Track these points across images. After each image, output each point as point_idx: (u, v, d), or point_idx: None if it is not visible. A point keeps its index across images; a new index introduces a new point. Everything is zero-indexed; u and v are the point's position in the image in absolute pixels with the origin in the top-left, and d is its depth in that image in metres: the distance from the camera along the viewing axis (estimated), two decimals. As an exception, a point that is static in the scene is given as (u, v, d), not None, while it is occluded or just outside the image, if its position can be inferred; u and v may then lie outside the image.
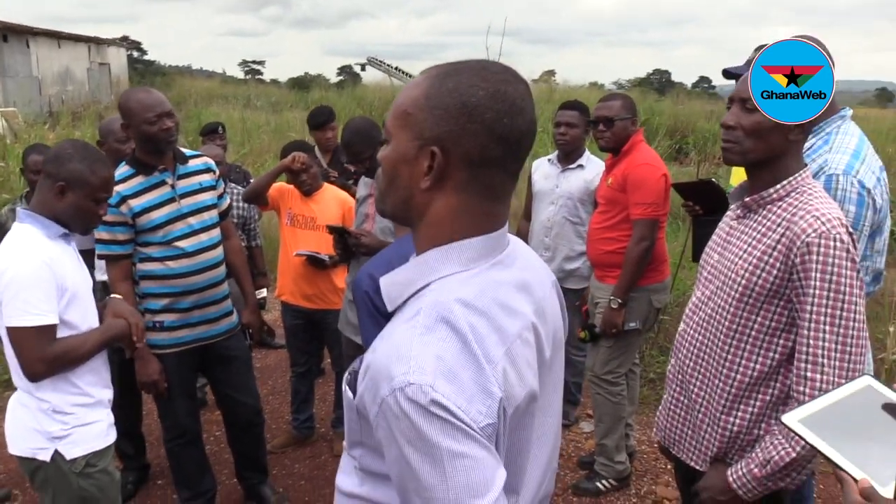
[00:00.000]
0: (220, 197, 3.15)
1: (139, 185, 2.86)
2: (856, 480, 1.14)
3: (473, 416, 0.93)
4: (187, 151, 3.09)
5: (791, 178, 1.76)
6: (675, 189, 3.21)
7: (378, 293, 1.11)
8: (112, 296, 2.47)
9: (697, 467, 1.94)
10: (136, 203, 2.83)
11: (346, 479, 1.15)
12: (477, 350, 0.97)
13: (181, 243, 2.91)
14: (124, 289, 2.83)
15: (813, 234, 1.65)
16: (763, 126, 1.73)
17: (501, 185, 1.06)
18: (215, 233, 3.05)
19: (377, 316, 1.64)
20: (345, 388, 1.09)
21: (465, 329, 0.97)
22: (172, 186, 2.93)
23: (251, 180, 5.23)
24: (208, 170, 3.10)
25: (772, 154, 1.76)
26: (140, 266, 2.91)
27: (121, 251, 2.86)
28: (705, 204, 3.01)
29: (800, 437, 1.23)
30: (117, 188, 2.77)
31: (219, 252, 3.06)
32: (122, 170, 2.88)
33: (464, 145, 1.01)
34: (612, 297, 3.32)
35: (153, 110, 2.78)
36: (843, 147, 2.18)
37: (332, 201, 3.86)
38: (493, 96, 1.01)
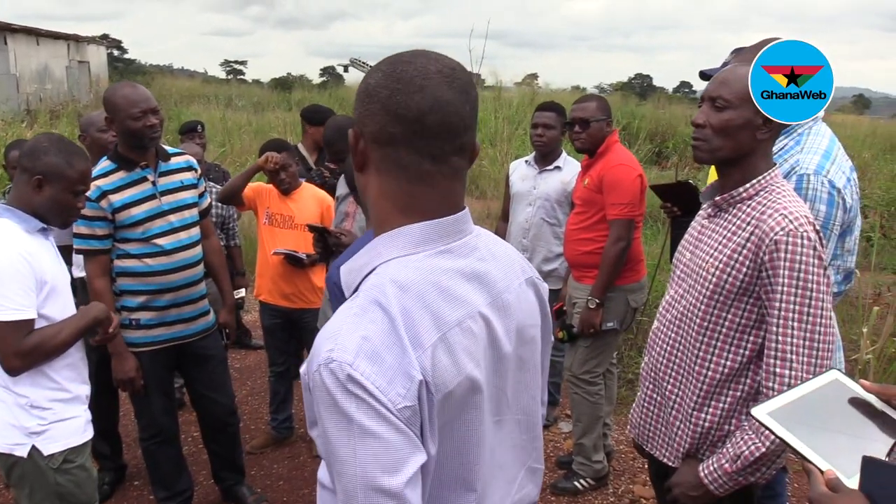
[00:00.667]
0: (201, 196, 3.14)
1: (120, 181, 2.85)
2: (822, 472, 1.16)
3: (392, 397, 0.95)
4: (170, 149, 3.09)
5: (760, 178, 1.79)
6: (652, 190, 3.24)
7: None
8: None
9: (670, 463, 1.97)
10: (116, 198, 2.82)
11: (322, 468, 1.16)
12: (404, 332, 0.98)
13: (160, 241, 2.90)
14: (102, 284, 2.83)
15: (781, 233, 1.68)
16: (731, 124, 1.76)
17: (417, 166, 1.06)
18: (195, 231, 3.05)
19: None
20: (303, 368, 1.11)
21: (395, 311, 0.99)
22: (154, 183, 2.92)
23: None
24: (190, 168, 3.09)
25: (740, 152, 1.79)
26: (117, 262, 2.90)
27: (99, 246, 2.85)
28: (683, 205, 3.04)
29: (768, 429, 1.25)
30: (98, 182, 2.76)
31: (197, 251, 3.05)
32: (104, 164, 2.87)
33: (369, 126, 1.06)
34: (589, 297, 3.35)
35: (138, 106, 2.78)
36: (813, 147, 2.22)
37: (311, 200, 3.85)
38: (388, 76, 1.05)
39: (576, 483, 3.60)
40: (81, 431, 2.27)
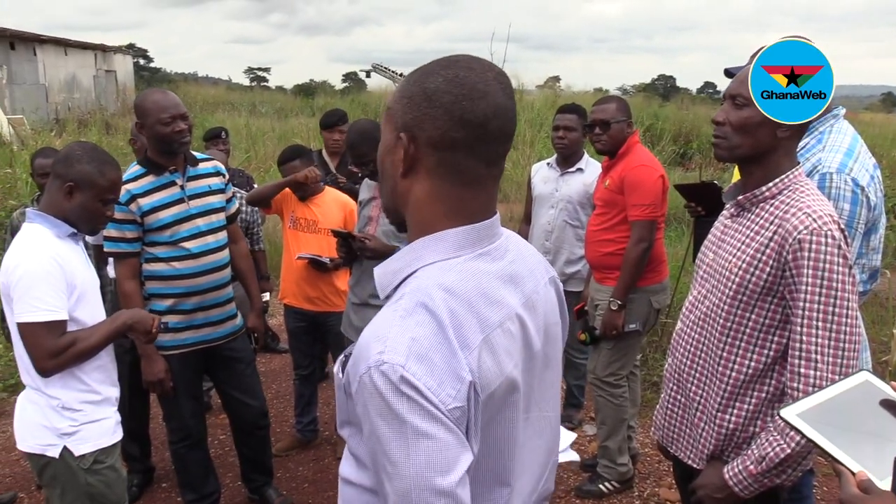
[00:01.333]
0: (229, 201, 3.18)
1: (149, 185, 2.90)
2: (853, 473, 1.16)
3: (442, 398, 0.97)
4: (198, 154, 3.14)
5: (783, 176, 1.78)
6: (677, 190, 3.23)
7: None
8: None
9: (694, 465, 1.96)
10: (145, 202, 2.87)
11: (345, 463, 1.18)
12: (452, 335, 1.00)
13: (187, 244, 2.94)
14: (131, 287, 2.87)
15: (804, 231, 1.67)
16: (750, 122, 1.75)
17: (473, 170, 1.09)
18: (222, 235, 3.09)
19: None
20: (337, 368, 1.13)
21: (442, 314, 1.01)
22: (182, 187, 2.97)
23: (255, 185, 5.26)
24: (218, 173, 3.14)
25: (759, 150, 1.78)
26: (146, 266, 2.95)
27: (129, 249, 2.90)
28: (707, 205, 3.03)
29: (798, 431, 1.24)
30: (127, 186, 2.81)
31: (224, 255, 3.09)
32: (134, 169, 2.93)
33: (427, 129, 1.06)
34: (611, 299, 3.34)
35: (168, 111, 2.83)
36: (836, 146, 2.20)
37: (333, 204, 3.89)
38: (451, 81, 1.06)
39: (601, 486, 3.58)
40: (111, 433, 2.31)
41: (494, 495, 1.11)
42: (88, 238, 4.50)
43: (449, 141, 1.06)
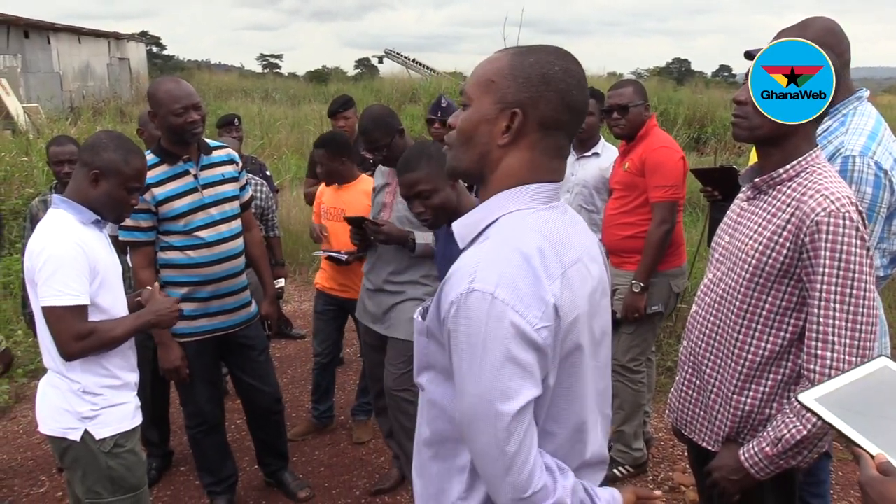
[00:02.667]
0: (242, 188, 3.19)
1: (163, 174, 2.91)
2: (872, 457, 1.16)
3: (530, 319, 1.11)
4: (211, 142, 3.14)
5: (801, 159, 1.77)
6: (694, 174, 3.21)
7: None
8: (147, 289, 2.51)
9: (710, 448, 1.96)
10: (159, 191, 2.88)
11: (423, 426, 1.31)
12: (538, 265, 1.14)
13: (202, 233, 2.95)
14: (147, 275, 2.89)
15: (822, 213, 1.66)
16: None
17: (564, 147, 1.28)
18: (235, 224, 3.10)
19: None
20: (416, 316, 1.28)
21: (527, 248, 1.15)
22: (195, 176, 2.98)
23: (267, 172, 5.27)
24: (231, 161, 3.14)
25: (779, 132, 1.77)
26: (161, 255, 2.97)
27: (144, 238, 2.92)
28: (724, 190, 3.01)
29: (816, 415, 1.25)
30: None
31: (238, 243, 3.11)
32: (147, 158, 2.93)
33: (541, 109, 1.21)
34: (633, 282, 3.32)
35: (180, 101, 2.82)
36: (859, 128, 2.17)
37: (361, 193, 3.90)
38: (566, 71, 1.22)
39: (615, 470, 3.59)
40: (131, 417, 2.34)
41: (574, 436, 1.24)
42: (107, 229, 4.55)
43: (556, 121, 1.22)
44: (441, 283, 1.20)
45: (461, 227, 1.28)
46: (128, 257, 3.27)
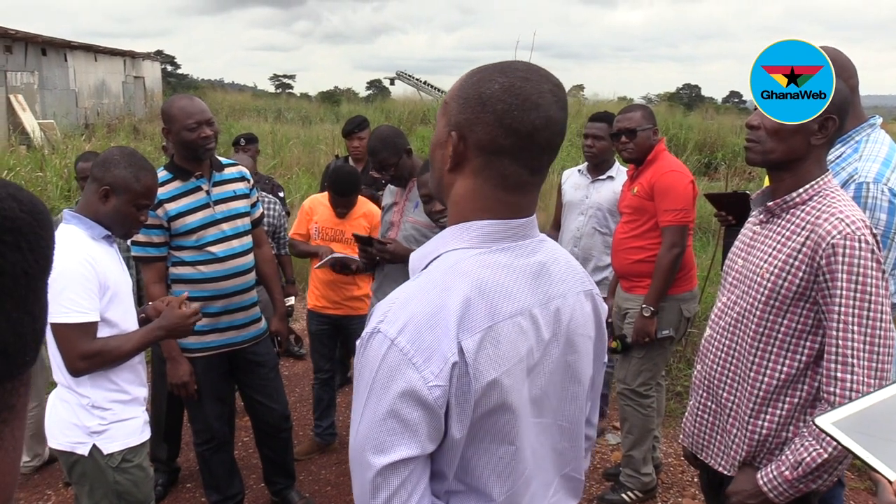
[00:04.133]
0: (254, 205, 3.21)
1: (176, 190, 2.93)
2: (890, 482, 1.15)
3: (426, 374, 1.01)
4: (223, 160, 3.16)
5: (813, 182, 1.77)
6: (708, 199, 3.22)
7: None
8: (149, 305, 2.52)
9: (725, 472, 1.94)
10: (171, 207, 2.90)
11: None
12: (452, 317, 1.03)
13: (213, 248, 2.97)
14: (158, 291, 2.90)
15: (838, 236, 1.66)
16: (785, 127, 1.75)
17: (516, 176, 1.11)
18: (247, 240, 3.11)
19: None
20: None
21: (448, 296, 1.04)
22: (207, 192, 3.00)
23: (281, 194, 5.30)
24: (243, 178, 3.17)
25: (792, 156, 1.77)
26: (172, 270, 2.98)
27: (156, 253, 2.93)
28: (738, 214, 3.02)
29: (833, 439, 1.24)
30: None
31: (249, 259, 3.12)
32: (160, 174, 2.95)
33: (477, 132, 1.09)
34: (644, 306, 3.31)
35: (193, 117, 2.86)
36: (872, 155, 2.17)
37: (360, 215, 3.94)
38: (507, 90, 1.07)
39: (623, 495, 3.55)
40: (139, 432, 2.34)
41: (493, 492, 1.11)
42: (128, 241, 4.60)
43: (496, 146, 1.09)
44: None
45: (415, 259, 1.19)
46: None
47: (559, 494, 1.26)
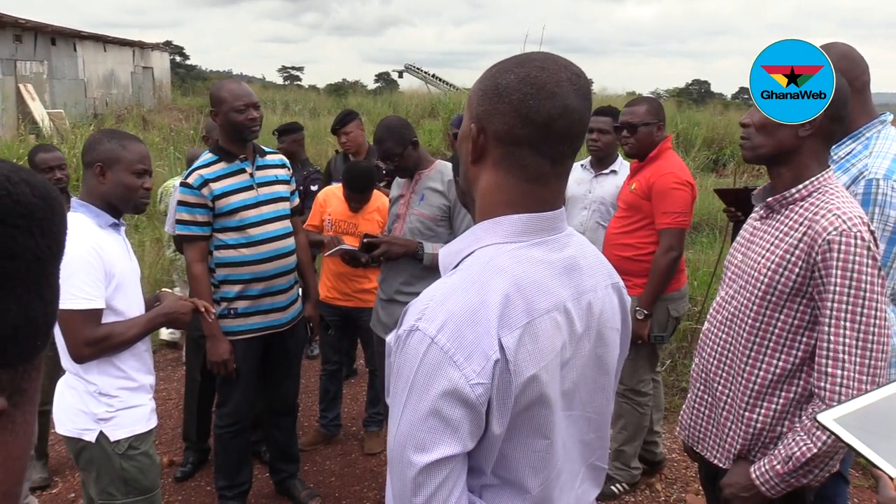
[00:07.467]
0: (293, 193, 3.31)
1: (221, 171, 3.03)
2: (891, 478, 1.16)
3: (467, 372, 1.00)
4: (265, 148, 3.26)
5: (813, 179, 1.78)
6: (717, 194, 3.20)
7: None
8: (163, 290, 2.55)
9: (721, 465, 1.96)
10: (217, 186, 2.99)
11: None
12: (493, 314, 1.02)
13: (254, 230, 3.04)
14: (199, 269, 2.99)
15: (834, 233, 1.67)
16: (769, 121, 1.77)
17: (537, 167, 1.11)
18: (287, 223, 3.20)
19: None
20: (389, 338, 1.17)
21: (488, 294, 1.03)
22: (251, 175, 3.09)
23: (313, 188, 5.29)
24: (283, 165, 3.29)
25: (782, 150, 1.79)
26: (216, 254, 3.06)
27: (199, 232, 3.00)
28: (746, 210, 3.01)
29: (836, 435, 1.25)
30: (200, 172, 2.97)
31: (290, 242, 3.19)
32: (206, 156, 3.07)
33: (495, 123, 1.10)
34: (637, 308, 3.29)
35: (241, 100, 2.97)
36: (883, 151, 2.17)
37: (374, 209, 3.95)
38: (522, 80, 1.08)
39: (612, 487, 3.58)
40: (146, 420, 2.36)
41: (528, 485, 1.12)
42: (166, 227, 4.65)
43: (514, 137, 1.09)
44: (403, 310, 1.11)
45: (444, 256, 1.18)
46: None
47: (585, 484, 1.28)
